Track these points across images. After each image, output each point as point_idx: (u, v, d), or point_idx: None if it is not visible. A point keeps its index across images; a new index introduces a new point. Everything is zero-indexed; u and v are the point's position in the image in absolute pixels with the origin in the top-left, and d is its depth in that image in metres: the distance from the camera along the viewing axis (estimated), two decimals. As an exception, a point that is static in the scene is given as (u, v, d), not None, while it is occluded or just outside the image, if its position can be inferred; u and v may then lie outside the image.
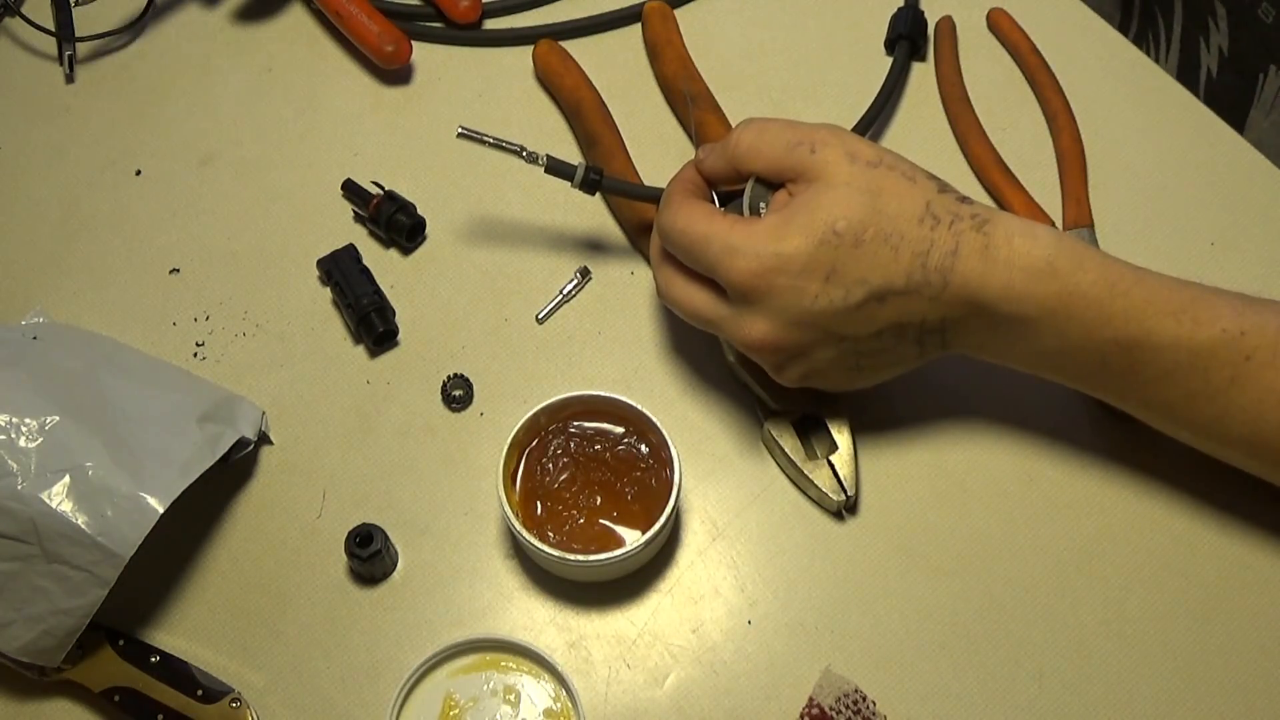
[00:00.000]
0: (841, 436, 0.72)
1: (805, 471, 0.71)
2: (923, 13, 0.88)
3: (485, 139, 0.70)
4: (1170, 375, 0.64)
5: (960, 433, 0.74)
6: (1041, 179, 0.82)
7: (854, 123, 0.82)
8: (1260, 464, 0.65)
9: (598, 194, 0.81)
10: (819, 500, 0.72)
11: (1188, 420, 0.65)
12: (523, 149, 0.70)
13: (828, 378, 0.69)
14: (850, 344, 0.66)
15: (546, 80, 0.87)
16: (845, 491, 0.71)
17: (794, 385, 0.69)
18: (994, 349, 0.67)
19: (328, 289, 0.80)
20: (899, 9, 0.88)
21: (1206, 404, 0.64)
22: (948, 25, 0.87)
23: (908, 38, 0.86)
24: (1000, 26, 0.88)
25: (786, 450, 0.72)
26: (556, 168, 0.72)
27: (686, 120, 0.85)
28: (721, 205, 0.71)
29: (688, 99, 0.83)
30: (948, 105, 0.85)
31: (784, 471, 0.73)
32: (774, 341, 0.66)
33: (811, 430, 0.73)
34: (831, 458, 0.72)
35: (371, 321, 0.77)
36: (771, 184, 0.67)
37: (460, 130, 0.68)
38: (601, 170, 0.72)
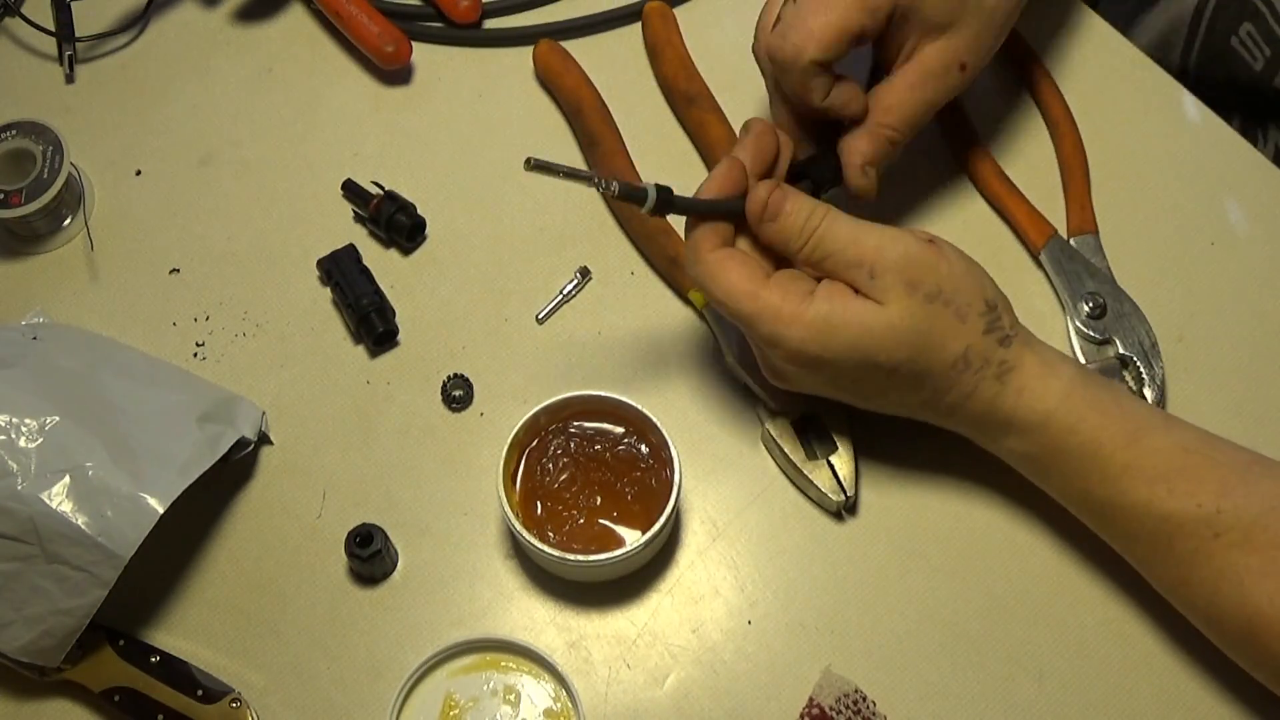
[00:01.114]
0: (841, 437, 0.72)
1: (805, 472, 0.71)
2: None
3: (558, 171, 0.64)
4: (1137, 536, 0.65)
5: (959, 437, 0.73)
6: (1044, 187, 0.82)
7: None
8: (1217, 638, 0.65)
9: (600, 196, 0.81)
10: (818, 500, 0.72)
11: (1153, 578, 0.67)
12: (594, 177, 0.66)
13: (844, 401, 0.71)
14: (855, 402, 0.70)
15: (546, 80, 0.87)
16: (844, 492, 0.71)
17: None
18: (993, 452, 0.70)
19: (328, 289, 0.80)
20: None
21: (1169, 569, 0.65)
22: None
23: None
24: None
25: (786, 450, 0.72)
26: (629, 193, 0.67)
27: (686, 120, 0.85)
28: (795, 180, 0.71)
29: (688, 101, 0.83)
30: (943, 114, 0.85)
31: (783, 472, 0.73)
32: (788, 388, 0.70)
33: (811, 430, 0.73)
34: (831, 458, 0.72)
35: (372, 321, 0.77)
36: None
37: (531, 162, 0.62)
38: (671, 189, 0.68)
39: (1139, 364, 0.74)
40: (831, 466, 0.71)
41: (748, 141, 0.69)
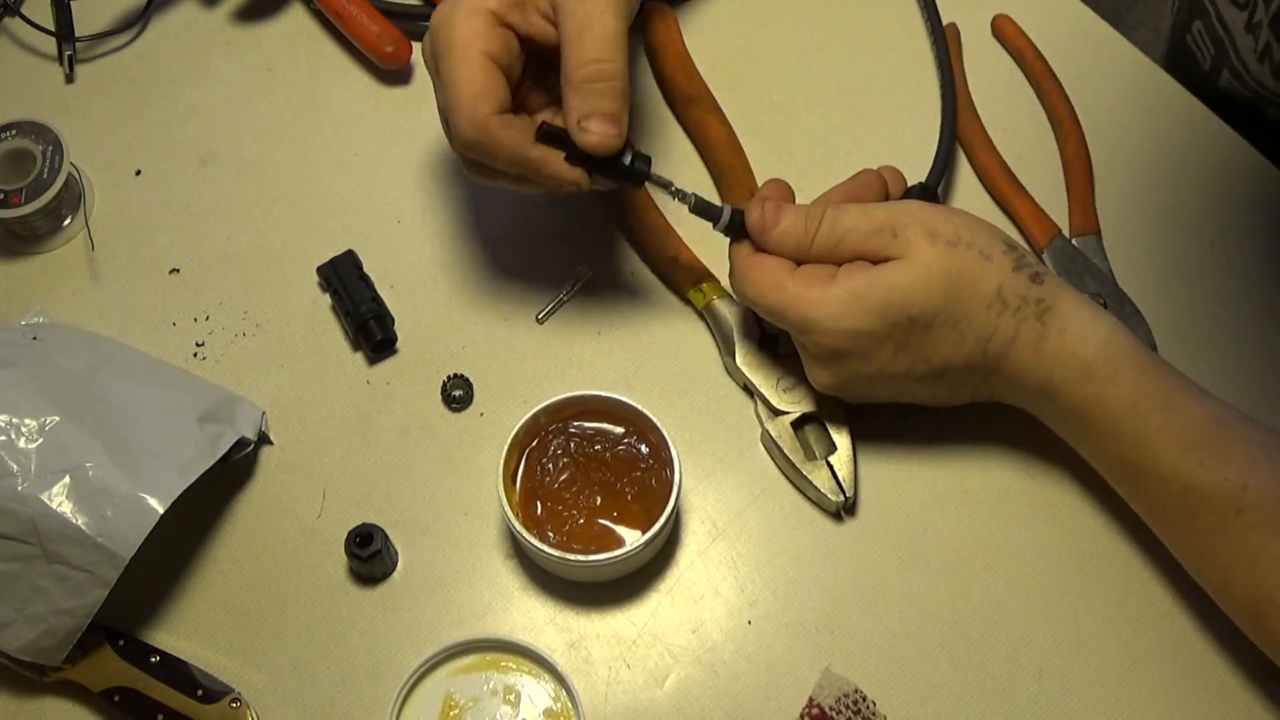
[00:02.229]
0: (840, 437, 0.72)
1: (804, 472, 0.71)
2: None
3: (656, 181, 0.66)
4: (1163, 504, 0.65)
5: (961, 433, 0.74)
6: (1048, 186, 0.82)
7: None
8: (1231, 611, 0.65)
9: (600, 199, 0.80)
10: (818, 501, 0.72)
11: (1172, 545, 0.67)
12: (671, 184, 0.68)
13: (880, 400, 0.71)
14: (905, 392, 0.69)
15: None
16: (844, 492, 0.71)
17: (847, 400, 0.72)
18: (1034, 412, 0.70)
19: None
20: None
21: (1189, 540, 0.65)
22: (952, 32, 0.87)
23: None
24: (1005, 33, 0.88)
25: (785, 451, 0.72)
26: (703, 208, 0.68)
27: (686, 120, 0.84)
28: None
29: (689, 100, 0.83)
30: (949, 111, 0.85)
31: (783, 472, 0.73)
32: (836, 387, 0.70)
33: (811, 431, 0.73)
34: (830, 459, 0.72)
35: (370, 329, 0.76)
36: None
37: (630, 164, 0.65)
38: (744, 212, 0.69)
39: (1139, 364, 0.74)
40: (831, 467, 0.71)
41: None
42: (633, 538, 0.68)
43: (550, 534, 0.68)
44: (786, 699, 0.68)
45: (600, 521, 0.69)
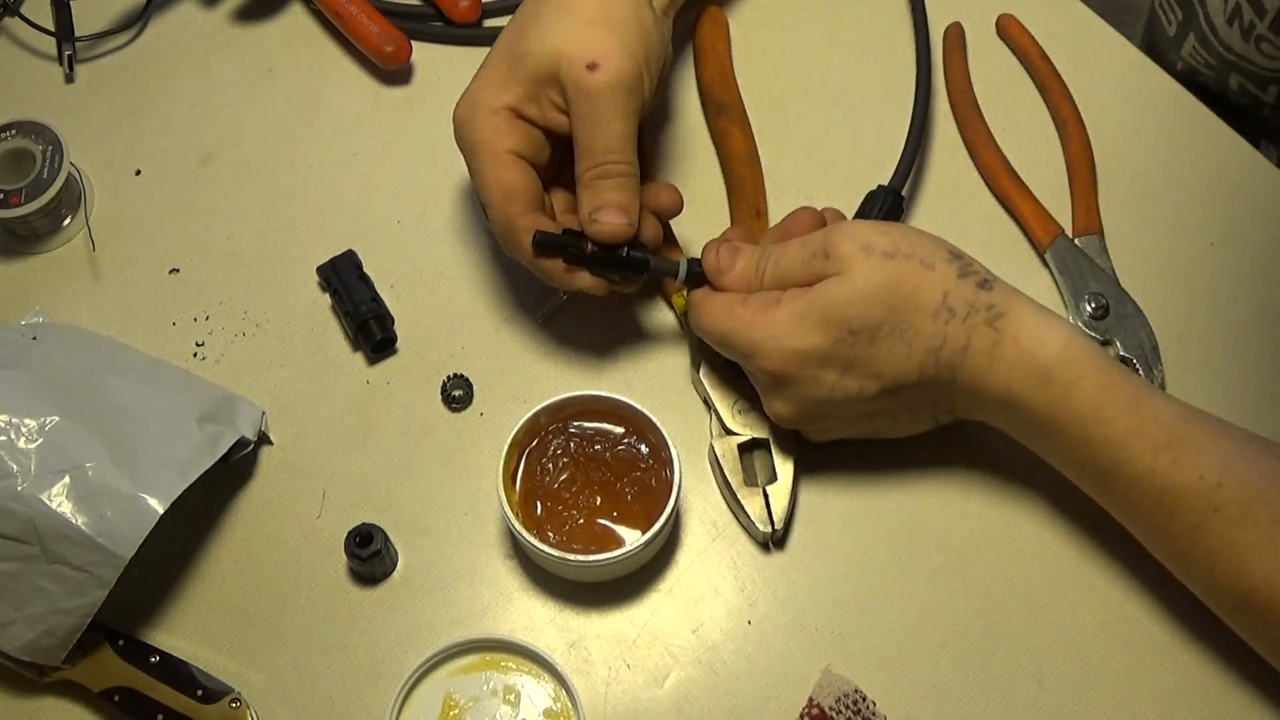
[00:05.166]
0: (785, 469, 0.71)
1: (739, 497, 0.71)
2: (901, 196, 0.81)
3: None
4: (1138, 506, 0.65)
5: (961, 432, 0.73)
6: (1051, 186, 0.82)
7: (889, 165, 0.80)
8: (1217, 608, 0.65)
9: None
10: (746, 528, 0.72)
11: (1153, 547, 0.66)
12: (675, 267, 0.71)
13: (846, 434, 0.71)
14: (866, 419, 0.69)
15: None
16: (772, 524, 0.70)
17: (815, 439, 0.72)
18: (999, 426, 0.69)
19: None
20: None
21: (1169, 541, 0.65)
22: (956, 31, 0.87)
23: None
24: (1009, 33, 0.87)
25: (725, 471, 0.71)
26: (661, 269, 0.71)
27: (713, 128, 0.83)
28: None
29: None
30: (957, 111, 0.85)
31: (720, 492, 0.73)
32: (794, 418, 0.69)
33: (758, 457, 0.73)
34: (769, 487, 0.71)
35: (370, 329, 0.76)
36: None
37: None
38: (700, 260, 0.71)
39: (1139, 366, 0.74)
40: (767, 497, 0.71)
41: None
42: (633, 538, 0.68)
43: (550, 534, 0.68)
44: (786, 699, 0.68)
45: (600, 521, 0.69)
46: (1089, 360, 0.65)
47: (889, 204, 0.77)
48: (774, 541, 0.72)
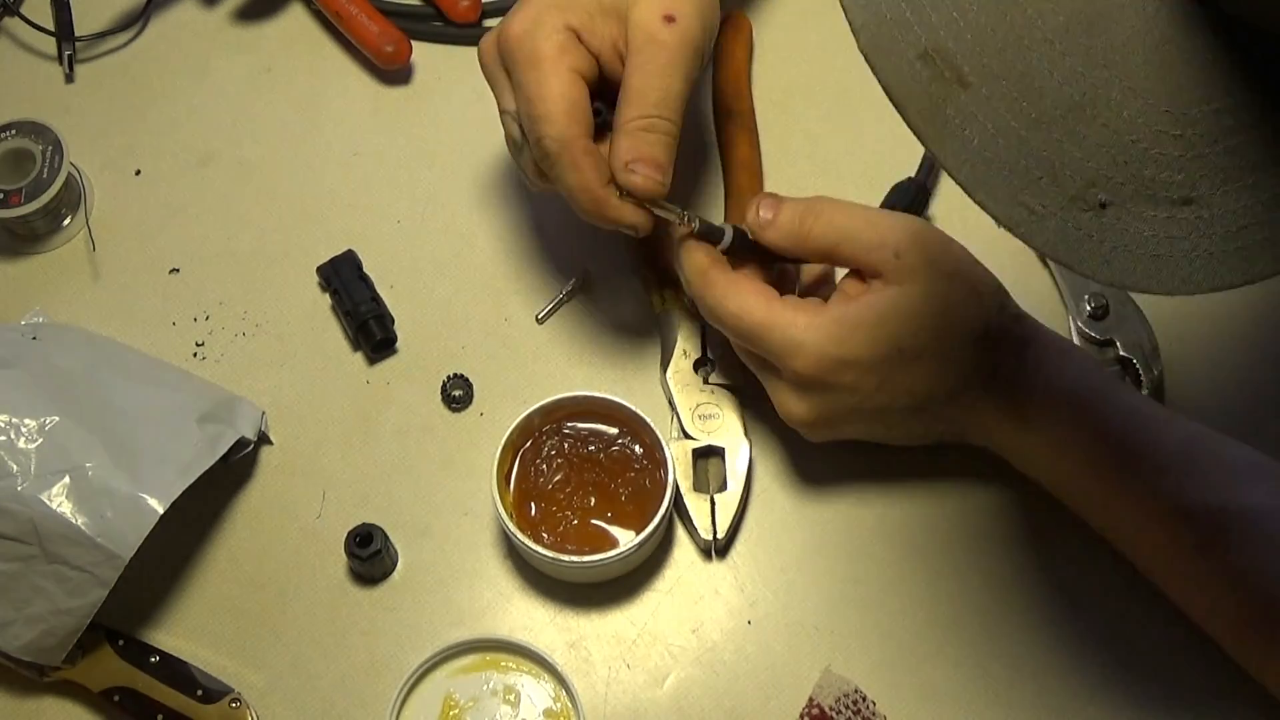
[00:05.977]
0: (735, 480, 0.71)
1: (685, 501, 0.70)
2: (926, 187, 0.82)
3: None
4: (1142, 529, 0.65)
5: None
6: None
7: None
8: (1216, 634, 0.65)
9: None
10: (689, 533, 0.71)
11: (1152, 573, 0.66)
12: (682, 213, 0.67)
13: (846, 438, 0.70)
14: (881, 426, 0.68)
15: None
16: (715, 533, 0.70)
17: (814, 440, 0.70)
18: (1006, 453, 0.69)
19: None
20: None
21: (1170, 564, 0.65)
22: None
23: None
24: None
25: (676, 475, 0.70)
26: (706, 232, 0.67)
27: (721, 133, 0.83)
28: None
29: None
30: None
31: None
32: (809, 421, 0.67)
33: (711, 464, 0.72)
34: (717, 495, 0.71)
35: (370, 329, 0.76)
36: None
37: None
38: (746, 233, 0.68)
39: (1138, 366, 0.74)
40: (713, 504, 0.70)
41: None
42: (627, 539, 0.68)
43: (545, 535, 0.68)
44: (786, 699, 0.68)
45: (594, 522, 0.69)
46: (1102, 386, 0.66)
47: (915, 196, 0.78)
48: (715, 551, 0.71)
